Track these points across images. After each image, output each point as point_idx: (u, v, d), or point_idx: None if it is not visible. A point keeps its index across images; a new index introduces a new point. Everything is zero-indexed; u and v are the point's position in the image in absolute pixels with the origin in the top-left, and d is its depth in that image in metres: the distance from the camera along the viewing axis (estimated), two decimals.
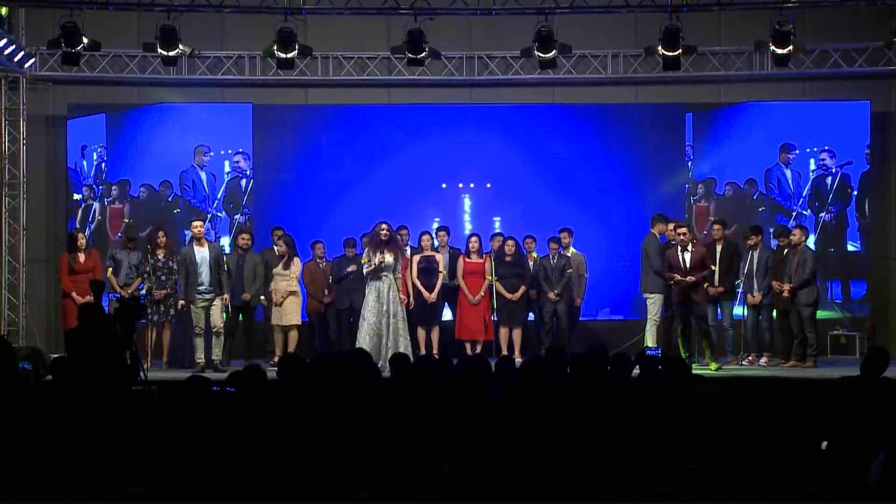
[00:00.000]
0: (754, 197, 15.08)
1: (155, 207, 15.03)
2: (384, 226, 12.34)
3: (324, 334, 13.41)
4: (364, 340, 12.06)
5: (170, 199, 15.09)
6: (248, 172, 15.15)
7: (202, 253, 12.43)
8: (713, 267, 12.72)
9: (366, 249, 12.45)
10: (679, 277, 12.39)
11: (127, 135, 15.09)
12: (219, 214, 15.09)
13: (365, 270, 12.33)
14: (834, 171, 14.98)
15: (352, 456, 4.64)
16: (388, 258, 12.22)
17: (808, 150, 15.06)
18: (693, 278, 12.38)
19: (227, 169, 15.23)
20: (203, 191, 15.14)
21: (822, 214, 14.97)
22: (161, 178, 15.06)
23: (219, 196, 15.13)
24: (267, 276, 13.07)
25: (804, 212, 14.96)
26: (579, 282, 13.57)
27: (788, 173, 15.11)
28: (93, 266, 12.76)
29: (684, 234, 12.61)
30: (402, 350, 11.82)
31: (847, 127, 14.93)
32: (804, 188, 15.04)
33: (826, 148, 14.99)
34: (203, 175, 15.17)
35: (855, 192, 14.93)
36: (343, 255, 13.40)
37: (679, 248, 12.51)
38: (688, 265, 12.45)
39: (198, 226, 12.70)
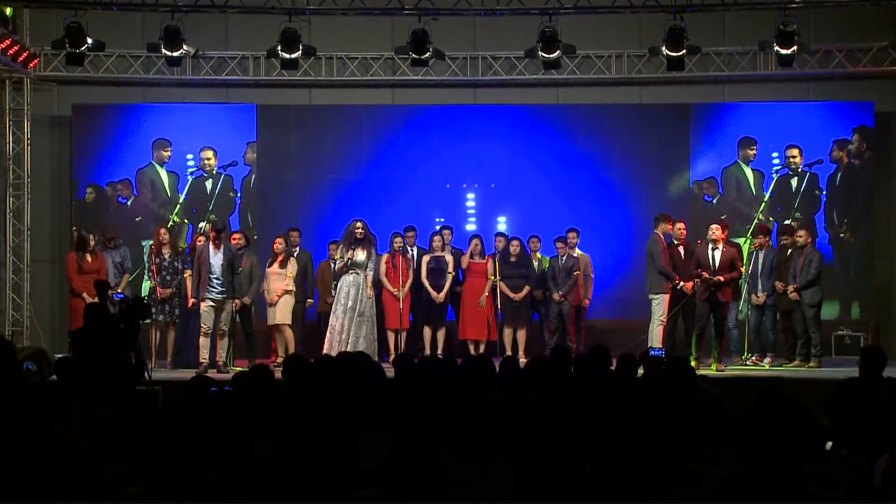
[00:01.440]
0: (706, 198, 14.71)
1: (104, 211, 14.65)
2: (359, 224, 12.49)
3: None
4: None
5: (121, 201, 14.69)
6: (214, 171, 14.70)
7: (216, 255, 12.40)
8: (742, 269, 12.67)
9: (339, 246, 12.54)
10: (707, 275, 12.37)
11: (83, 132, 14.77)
12: (175, 219, 14.50)
13: (336, 266, 12.40)
14: (801, 170, 14.43)
15: (354, 455, 4.64)
16: (360, 256, 12.34)
17: (770, 145, 14.60)
18: (721, 278, 12.37)
19: (190, 167, 14.72)
20: (164, 192, 14.76)
21: (787, 222, 14.21)
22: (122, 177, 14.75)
23: (181, 200, 14.71)
24: (262, 276, 13.09)
25: (765, 217, 14.29)
26: (586, 282, 13.57)
27: (749, 172, 14.64)
28: (98, 267, 12.74)
29: (681, 230, 12.73)
30: (361, 349, 11.85)
31: (829, 125, 14.72)
32: (766, 190, 14.53)
33: (793, 144, 14.54)
34: (164, 174, 14.75)
35: (824, 198, 14.49)
36: None
37: (710, 246, 12.50)
38: (717, 264, 12.44)
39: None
